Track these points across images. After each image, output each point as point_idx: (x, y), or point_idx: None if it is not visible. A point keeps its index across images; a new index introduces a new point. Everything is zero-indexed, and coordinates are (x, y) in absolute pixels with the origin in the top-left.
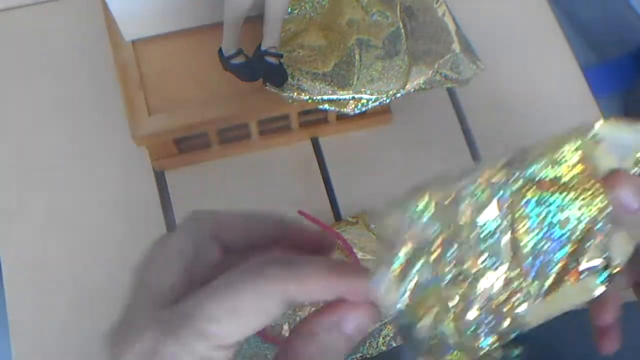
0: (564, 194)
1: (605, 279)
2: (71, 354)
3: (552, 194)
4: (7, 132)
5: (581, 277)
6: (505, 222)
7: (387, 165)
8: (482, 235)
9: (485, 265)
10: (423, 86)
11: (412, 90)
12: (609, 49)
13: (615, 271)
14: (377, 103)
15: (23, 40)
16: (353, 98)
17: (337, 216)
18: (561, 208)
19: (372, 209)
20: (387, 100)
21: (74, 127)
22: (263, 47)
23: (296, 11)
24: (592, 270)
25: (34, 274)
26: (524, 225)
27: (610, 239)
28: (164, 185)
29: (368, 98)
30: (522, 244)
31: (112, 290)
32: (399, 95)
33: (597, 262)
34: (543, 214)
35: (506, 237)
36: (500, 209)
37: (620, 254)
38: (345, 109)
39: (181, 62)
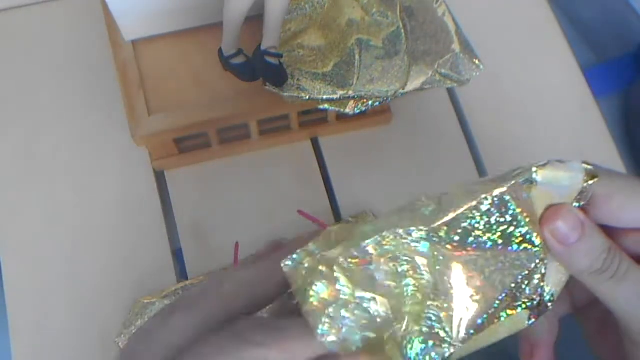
0: (501, 239)
1: (537, 311)
2: (71, 354)
3: (484, 245)
4: (7, 132)
5: (517, 311)
6: (430, 267)
7: (387, 165)
8: (405, 286)
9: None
10: (423, 86)
11: (412, 90)
12: (609, 49)
13: (549, 302)
14: (377, 103)
15: (23, 40)
16: (353, 98)
17: (337, 216)
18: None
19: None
20: (387, 100)
21: (73, 127)
22: (263, 47)
23: (296, 11)
24: (528, 304)
25: (34, 274)
26: (453, 269)
27: (546, 271)
28: (164, 185)
29: (368, 98)
30: (452, 287)
31: (112, 291)
32: (399, 95)
33: (533, 296)
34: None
35: (432, 280)
36: (428, 264)
37: (555, 285)
38: (345, 109)
39: (181, 62)
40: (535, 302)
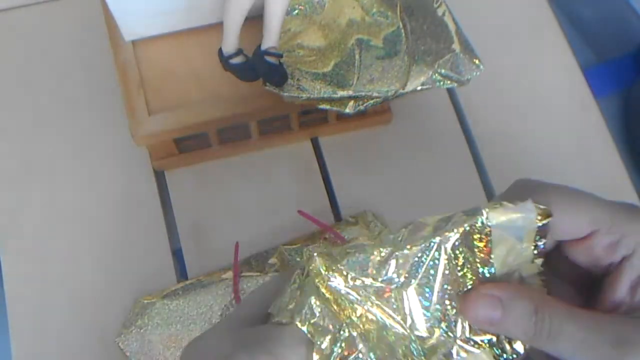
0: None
1: (503, 355)
2: (71, 354)
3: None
4: (7, 132)
5: (479, 350)
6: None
7: (387, 165)
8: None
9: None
10: (423, 86)
11: (412, 90)
12: (609, 49)
13: (518, 349)
14: (377, 103)
15: (23, 40)
16: (353, 98)
17: (337, 216)
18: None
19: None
20: (388, 100)
21: (73, 127)
22: (263, 47)
23: (296, 11)
24: (488, 344)
25: (34, 273)
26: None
27: None
28: (164, 185)
29: (368, 98)
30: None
31: (112, 290)
32: (399, 95)
33: (493, 338)
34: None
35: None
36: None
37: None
38: (345, 109)
39: (181, 62)
40: (497, 343)
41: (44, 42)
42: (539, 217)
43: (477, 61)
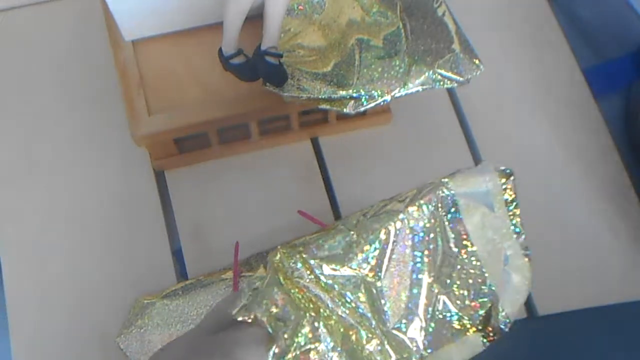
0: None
1: (492, 334)
2: (71, 354)
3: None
4: (7, 132)
5: (469, 333)
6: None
7: (387, 165)
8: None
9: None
10: (423, 86)
11: (412, 90)
12: (609, 49)
13: (504, 325)
14: (377, 103)
15: (23, 40)
16: (353, 98)
17: (337, 216)
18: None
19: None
20: (387, 100)
21: (73, 127)
22: (263, 47)
23: (296, 11)
24: (480, 328)
25: (34, 274)
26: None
27: (501, 289)
28: (164, 185)
29: (368, 98)
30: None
31: (112, 290)
32: (399, 95)
33: (484, 319)
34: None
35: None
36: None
37: (511, 306)
38: (345, 109)
39: (181, 62)
40: (488, 325)
41: (44, 42)
42: (503, 180)
43: (477, 61)
